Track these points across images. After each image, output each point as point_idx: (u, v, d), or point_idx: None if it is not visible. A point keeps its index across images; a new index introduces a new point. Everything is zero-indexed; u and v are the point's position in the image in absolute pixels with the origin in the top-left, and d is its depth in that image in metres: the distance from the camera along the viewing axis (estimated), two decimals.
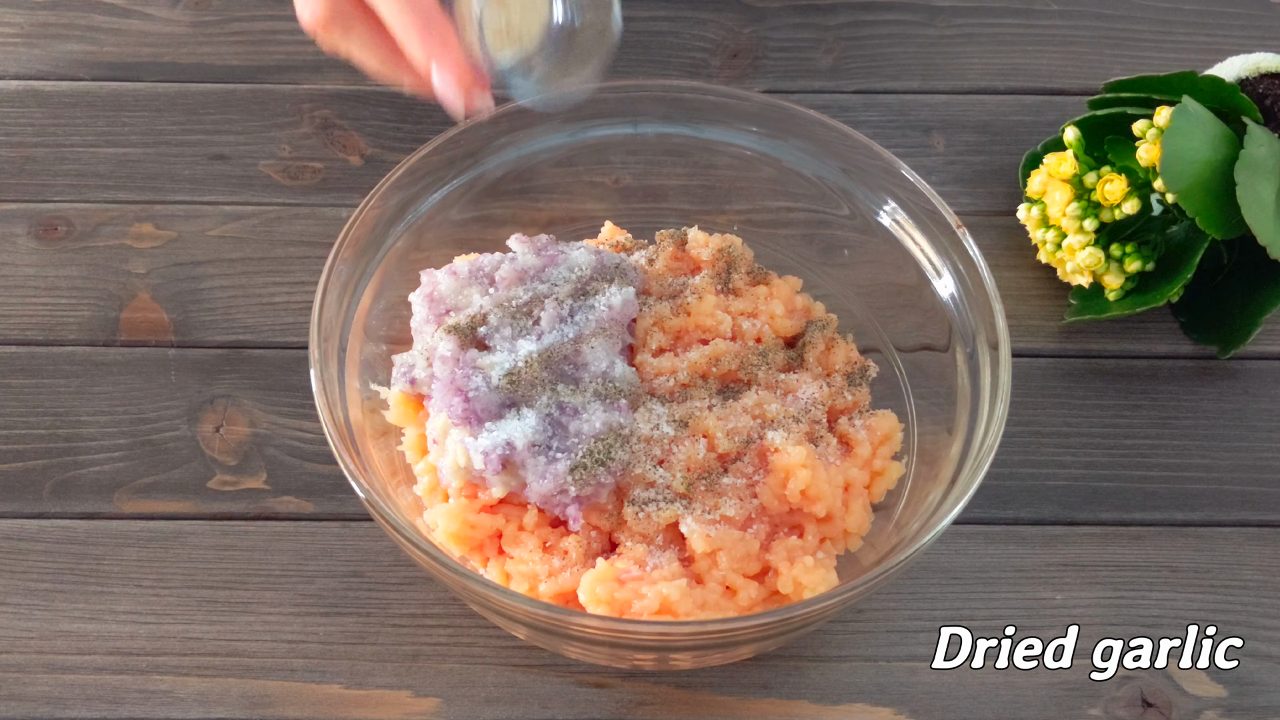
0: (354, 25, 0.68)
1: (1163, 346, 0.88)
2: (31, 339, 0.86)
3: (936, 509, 0.72)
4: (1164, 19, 1.03)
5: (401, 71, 0.70)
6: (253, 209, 0.92)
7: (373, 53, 0.70)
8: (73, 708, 0.73)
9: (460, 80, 0.68)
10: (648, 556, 0.72)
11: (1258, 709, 0.75)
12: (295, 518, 0.80)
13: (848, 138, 0.81)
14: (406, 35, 0.67)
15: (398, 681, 0.75)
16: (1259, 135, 0.83)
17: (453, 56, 0.68)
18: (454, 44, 0.68)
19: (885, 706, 0.75)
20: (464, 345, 0.75)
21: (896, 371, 0.82)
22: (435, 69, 0.68)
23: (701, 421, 0.75)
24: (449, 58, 0.68)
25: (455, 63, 0.68)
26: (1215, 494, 0.82)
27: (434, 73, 0.68)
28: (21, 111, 0.96)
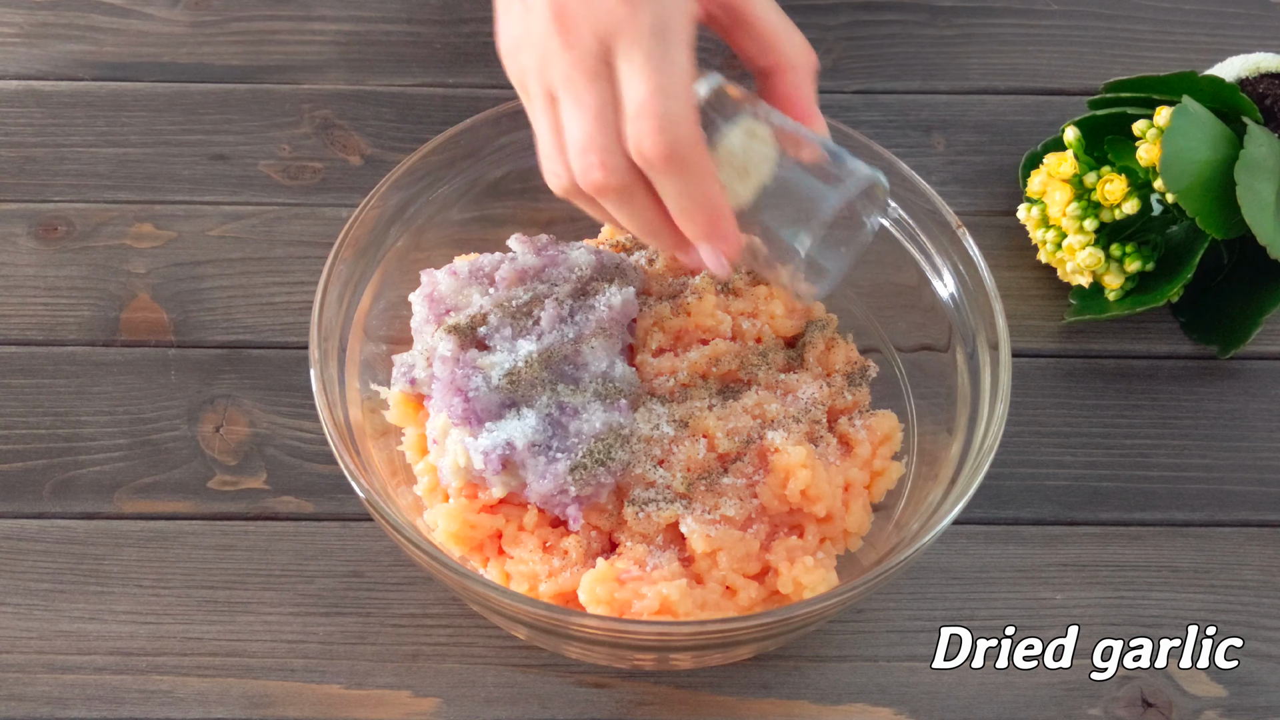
0: (634, 196, 0.65)
1: (1163, 346, 0.88)
2: (31, 339, 0.86)
3: (936, 509, 0.72)
4: (1164, 19, 1.03)
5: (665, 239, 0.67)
6: (253, 209, 0.92)
7: (640, 219, 0.66)
8: (73, 708, 0.73)
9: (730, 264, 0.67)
10: (648, 556, 0.72)
11: (1258, 709, 0.75)
12: (295, 518, 0.80)
13: (848, 138, 0.81)
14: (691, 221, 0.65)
15: (398, 681, 0.75)
16: (1259, 135, 0.83)
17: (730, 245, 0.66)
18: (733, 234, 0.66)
19: (885, 706, 0.75)
20: (464, 345, 0.75)
21: (896, 371, 0.82)
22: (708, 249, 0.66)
23: (701, 421, 0.75)
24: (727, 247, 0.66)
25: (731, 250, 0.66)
26: (1215, 494, 0.82)
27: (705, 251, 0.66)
28: (21, 111, 0.96)
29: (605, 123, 0.63)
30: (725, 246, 0.66)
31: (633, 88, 0.62)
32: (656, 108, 0.62)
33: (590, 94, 0.63)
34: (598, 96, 0.63)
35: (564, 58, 0.63)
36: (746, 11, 0.68)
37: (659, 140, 0.62)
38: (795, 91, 0.69)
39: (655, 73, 0.62)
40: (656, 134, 0.62)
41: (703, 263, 0.67)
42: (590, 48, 0.63)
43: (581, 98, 0.63)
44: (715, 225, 0.65)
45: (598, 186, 0.64)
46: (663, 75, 0.62)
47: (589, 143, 0.63)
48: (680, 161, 0.63)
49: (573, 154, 0.64)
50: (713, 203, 0.65)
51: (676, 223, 0.65)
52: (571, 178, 0.65)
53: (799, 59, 0.69)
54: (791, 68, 0.69)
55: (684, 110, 0.62)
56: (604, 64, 0.63)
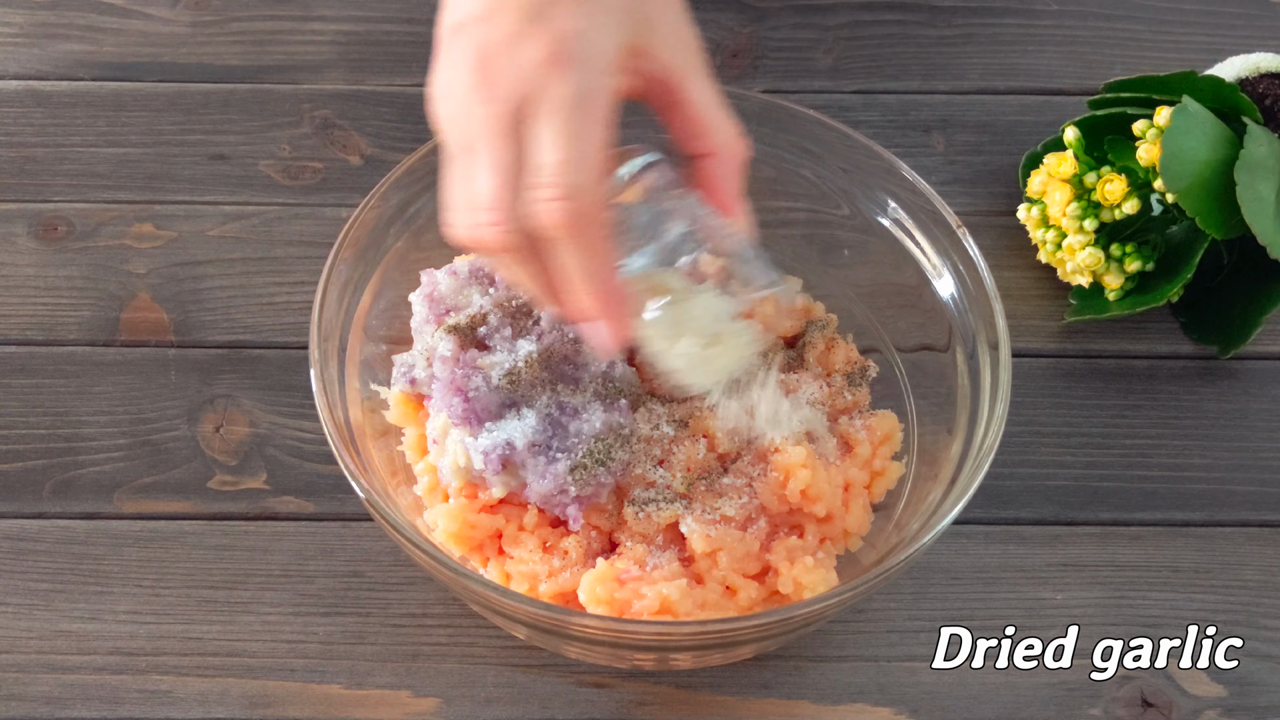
0: (529, 260, 0.64)
1: (1163, 346, 0.88)
2: (31, 339, 0.86)
3: (936, 509, 0.72)
4: (1164, 19, 1.03)
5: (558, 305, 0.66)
6: (253, 209, 0.92)
7: (535, 283, 0.65)
8: (73, 708, 0.73)
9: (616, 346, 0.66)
10: (648, 556, 0.72)
11: (1258, 709, 0.75)
12: (295, 518, 0.80)
13: (848, 138, 0.81)
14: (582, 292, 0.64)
15: (398, 681, 0.75)
16: (1259, 135, 0.83)
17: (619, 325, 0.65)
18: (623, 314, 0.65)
19: (885, 706, 0.75)
20: (464, 345, 0.75)
21: (896, 371, 0.82)
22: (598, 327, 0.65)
23: (701, 421, 0.75)
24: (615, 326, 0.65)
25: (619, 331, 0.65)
26: (1215, 494, 0.82)
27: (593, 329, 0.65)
28: (21, 111, 0.96)
29: (509, 184, 0.62)
30: (617, 326, 0.65)
31: (542, 154, 0.62)
32: (561, 178, 0.61)
33: (500, 152, 0.62)
34: (509, 155, 0.62)
35: (482, 111, 0.62)
36: (681, 94, 0.67)
37: (560, 209, 0.61)
38: (720, 181, 0.68)
39: (567, 144, 0.61)
40: (559, 203, 0.61)
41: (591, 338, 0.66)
42: (507, 106, 0.62)
43: (492, 155, 0.62)
44: (605, 305, 0.64)
45: (493, 245, 0.63)
46: (573, 148, 0.61)
47: (493, 200, 0.62)
48: (579, 233, 0.62)
49: (475, 210, 0.63)
50: (604, 282, 0.64)
51: (568, 293, 0.65)
52: (472, 230, 0.64)
53: (729, 149, 0.68)
54: (720, 157, 0.68)
55: (587, 184, 0.62)
56: (517, 125, 0.62)
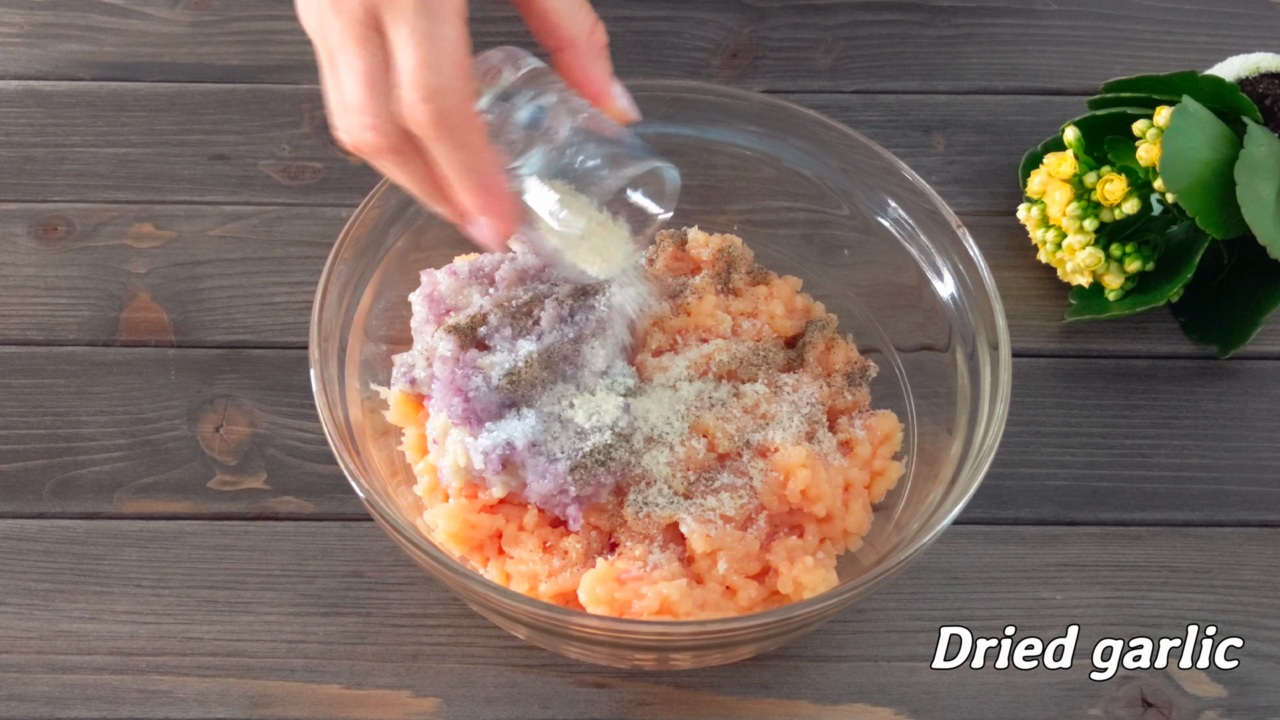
0: (409, 160, 0.65)
1: (1163, 346, 0.88)
2: (31, 339, 0.86)
3: (936, 509, 0.72)
4: (1164, 19, 1.03)
5: (443, 205, 0.67)
6: (253, 209, 0.92)
7: (419, 185, 0.67)
8: (73, 708, 0.73)
9: (501, 238, 0.67)
10: (648, 556, 0.72)
11: (1258, 709, 0.75)
12: (295, 518, 0.80)
13: (848, 138, 0.81)
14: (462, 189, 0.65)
15: (398, 681, 0.75)
16: (1259, 135, 0.83)
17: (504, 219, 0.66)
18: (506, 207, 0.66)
19: (885, 706, 0.75)
20: (464, 345, 0.75)
21: (896, 371, 0.82)
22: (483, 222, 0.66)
23: (701, 421, 0.75)
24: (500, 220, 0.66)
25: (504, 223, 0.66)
26: (1215, 494, 0.82)
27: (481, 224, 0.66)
28: (21, 111, 0.96)
29: (374, 87, 0.63)
30: (499, 220, 0.66)
31: (401, 58, 0.63)
32: (422, 79, 0.62)
33: (359, 58, 0.63)
34: (367, 61, 0.63)
35: (335, 21, 0.64)
36: None
37: (425, 110, 0.62)
38: (584, 72, 0.68)
39: (420, 45, 0.62)
40: (422, 104, 0.62)
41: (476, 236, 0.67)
42: (357, 14, 0.63)
43: (351, 62, 0.64)
44: (488, 197, 0.65)
45: (370, 147, 0.65)
46: (428, 47, 0.62)
47: (360, 105, 0.64)
48: (448, 131, 0.63)
49: (346, 113, 0.65)
50: (484, 174, 0.65)
51: (450, 192, 0.66)
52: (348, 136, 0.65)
53: (585, 37, 0.68)
54: (578, 47, 0.68)
55: (450, 82, 0.62)
56: (373, 30, 0.63)
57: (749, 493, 0.73)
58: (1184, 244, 0.86)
